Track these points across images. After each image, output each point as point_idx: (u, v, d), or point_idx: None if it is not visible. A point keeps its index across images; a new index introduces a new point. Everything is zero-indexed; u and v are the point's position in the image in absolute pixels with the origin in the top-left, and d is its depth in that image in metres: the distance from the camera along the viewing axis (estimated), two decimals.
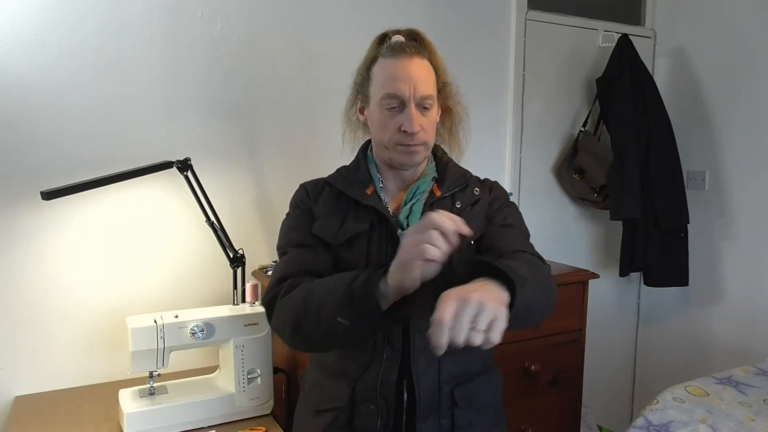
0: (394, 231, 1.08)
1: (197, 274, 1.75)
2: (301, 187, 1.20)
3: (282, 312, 1.02)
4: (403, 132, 1.06)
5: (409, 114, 1.05)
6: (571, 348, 1.89)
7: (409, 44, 1.10)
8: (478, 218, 1.12)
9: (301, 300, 0.98)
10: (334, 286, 0.95)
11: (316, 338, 0.98)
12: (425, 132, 1.08)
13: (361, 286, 0.90)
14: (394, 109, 1.06)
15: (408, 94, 1.05)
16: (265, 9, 1.79)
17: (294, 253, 1.10)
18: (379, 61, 1.09)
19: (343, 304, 0.91)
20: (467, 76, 2.13)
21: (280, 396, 1.60)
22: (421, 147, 1.09)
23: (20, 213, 1.53)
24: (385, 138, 1.08)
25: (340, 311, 0.91)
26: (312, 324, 0.96)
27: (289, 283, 1.04)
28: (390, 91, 1.05)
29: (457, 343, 0.75)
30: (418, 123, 1.05)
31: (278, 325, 1.04)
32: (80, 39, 1.57)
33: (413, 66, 1.06)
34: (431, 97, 1.08)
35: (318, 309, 0.95)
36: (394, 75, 1.05)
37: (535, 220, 2.33)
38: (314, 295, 0.97)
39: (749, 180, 2.29)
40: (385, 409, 1.06)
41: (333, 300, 0.93)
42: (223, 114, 1.76)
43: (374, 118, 1.10)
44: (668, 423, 1.45)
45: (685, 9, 2.48)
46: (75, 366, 1.62)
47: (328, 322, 0.93)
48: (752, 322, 2.29)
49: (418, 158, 1.10)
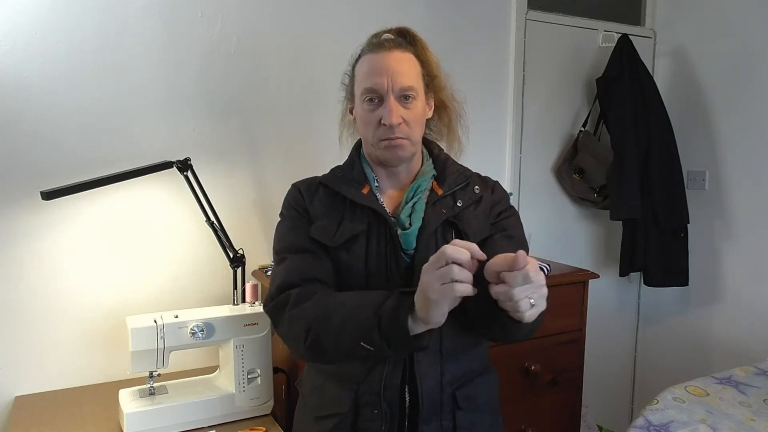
0: (392, 231, 1.06)
1: (197, 274, 1.75)
2: (294, 187, 1.18)
3: (295, 326, 0.99)
4: (384, 125, 1.04)
5: (388, 106, 1.03)
6: (571, 348, 1.89)
7: (389, 39, 1.09)
8: (480, 219, 1.11)
9: (317, 317, 0.96)
10: (357, 309, 0.93)
11: (333, 356, 0.98)
12: (407, 125, 1.06)
13: (390, 315, 0.88)
14: (373, 103, 1.05)
15: (386, 86, 1.03)
16: (265, 9, 1.79)
17: (294, 259, 1.08)
18: (362, 58, 1.09)
19: (369, 330, 0.90)
20: (467, 76, 2.13)
21: (280, 396, 1.60)
22: (405, 141, 1.06)
23: (20, 213, 1.53)
24: (369, 134, 1.08)
25: (365, 337, 0.90)
26: (331, 343, 0.95)
27: (297, 294, 1.01)
28: (368, 85, 1.05)
29: (514, 299, 0.78)
30: (397, 114, 1.04)
31: (290, 338, 1.02)
32: (80, 39, 1.57)
33: (391, 59, 1.05)
34: (412, 88, 1.06)
35: (339, 330, 0.93)
36: (372, 69, 1.05)
37: (535, 220, 2.35)
38: (334, 314, 0.95)
39: (749, 180, 2.29)
40: (389, 413, 1.04)
41: (356, 324, 0.92)
42: (223, 114, 1.76)
43: (358, 115, 1.10)
44: (668, 423, 1.45)
45: (685, 9, 2.48)
46: (75, 366, 1.62)
47: (349, 343, 0.93)
48: (752, 322, 2.29)
49: (403, 153, 1.08)
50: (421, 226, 1.07)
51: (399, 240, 1.06)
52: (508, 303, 0.80)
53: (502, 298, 0.80)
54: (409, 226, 1.07)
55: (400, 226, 1.08)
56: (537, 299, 0.80)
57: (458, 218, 1.09)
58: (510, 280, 0.78)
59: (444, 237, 1.07)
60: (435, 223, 1.07)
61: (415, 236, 1.06)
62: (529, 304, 0.80)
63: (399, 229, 1.08)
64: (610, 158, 2.29)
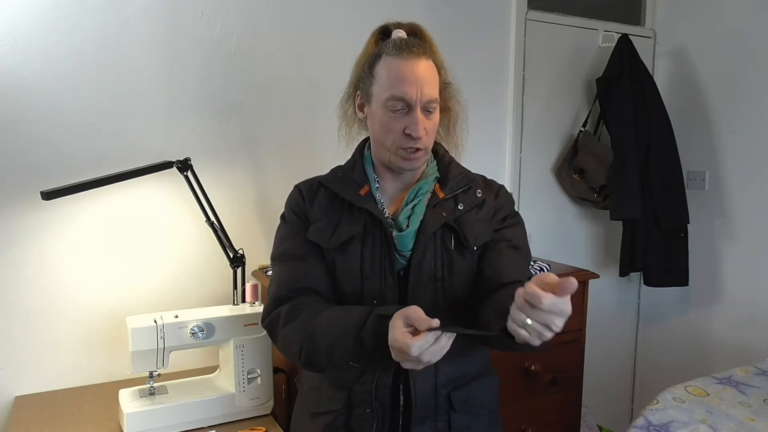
0: (387, 233, 1.06)
1: (197, 274, 1.75)
2: (296, 188, 1.18)
3: (288, 345, 1.03)
4: (407, 135, 1.04)
5: (416, 118, 1.02)
6: (571, 348, 1.89)
7: (415, 42, 1.07)
8: (482, 223, 1.11)
9: (307, 338, 0.99)
10: (342, 333, 0.95)
11: (329, 370, 1.04)
12: (428, 136, 1.06)
13: (371, 337, 0.91)
14: (398, 111, 1.03)
15: (415, 97, 1.02)
16: (265, 9, 1.79)
17: (286, 268, 1.10)
18: (384, 59, 1.05)
19: (354, 353, 0.94)
20: (467, 76, 2.12)
21: (280, 396, 1.59)
22: (422, 152, 1.07)
23: (20, 213, 1.53)
24: (388, 140, 1.06)
25: (352, 357, 0.94)
26: (323, 361, 0.99)
27: (286, 311, 1.03)
28: (396, 93, 1.02)
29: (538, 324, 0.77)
30: (423, 127, 1.03)
31: (287, 354, 1.06)
32: (80, 39, 1.57)
33: (420, 68, 1.03)
34: (436, 100, 1.06)
35: (328, 352, 0.97)
36: (402, 77, 1.02)
37: (535, 220, 2.35)
38: (321, 337, 0.97)
39: (749, 180, 2.29)
40: (380, 413, 1.05)
41: (342, 347, 0.95)
42: (223, 114, 1.76)
43: (377, 118, 1.07)
44: (668, 423, 1.45)
45: (685, 9, 2.48)
46: (75, 366, 1.62)
47: (340, 363, 0.97)
48: (752, 322, 2.29)
49: (418, 164, 1.09)
50: (419, 229, 1.07)
51: (394, 242, 1.06)
52: (522, 331, 0.79)
53: (536, 325, 0.78)
54: (407, 227, 1.07)
55: (398, 227, 1.08)
56: (548, 325, 0.78)
57: (458, 222, 1.08)
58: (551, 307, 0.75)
59: (443, 240, 1.07)
60: (434, 225, 1.07)
61: (411, 238, 1.06)
62: (547, 333, 0.78)
63: (395, 230, 1.07)
64: (610, 158, 2.29)
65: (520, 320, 0.78)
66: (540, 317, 0.76)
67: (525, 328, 0.78)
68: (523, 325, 0.78)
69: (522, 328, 0.78)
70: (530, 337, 0.79)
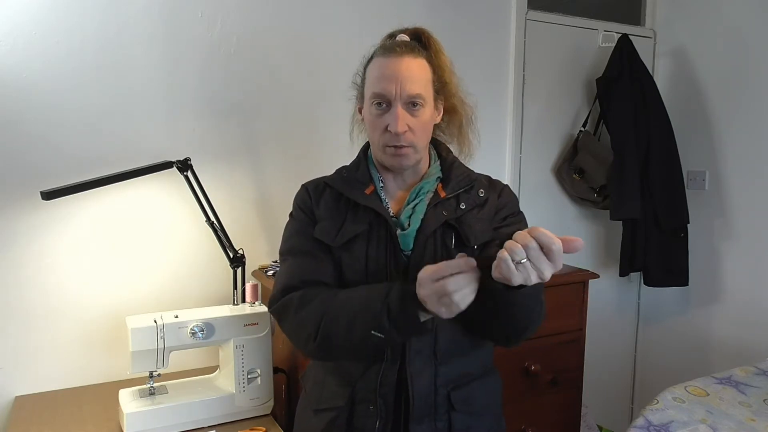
0: (392, 231, 1.07)
1: (197, 274, 1.75)
2: (303, 188, 1.19)
3: (304, 326, 1.03)
4: (389, 132, 1.04)
5: (395, 113, 1.03)
6: (571, 348, 1.89)
7: (401, 43, 1.08)
8: (483, 222, 1.11)
9: (325, 315, 0.99)
10: (366, 300, 0.97)
11: (342, 351, 1.02)
12: (413, 132, 1.06)
13: (398, 303, 0.93)
14: (381, 108, 1.05)
15: (394, 93, 1.03)
16: (265, 9, 1.79)
17: (296, 262, 1.10)
18: (373, 60, 1.09)
19: (380, 318, 0.94)
20: (467, 76, 2.11)
21: (280, 396, 1.60)
22: (409, 149, 1.07)
23: (20, 213, 1.53)
24: (375, 138, 1.08)
25: (376, 325, 0.94)
26: (342, 337, 0.98)
27: (300, 296, 1.04)
28: (377, 90, 1.05)
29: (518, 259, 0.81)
30: (404, 123, 1.04)
31: (299, 338, 1.05)
32: (80, 39, 1.57)
33: (402, 65, 1.04)
34: (420, 96, 1.05)
35: (350, 323, 0.97)
36: (382, 74, 1.05)
37: (535, 220, 2.32)
38: (342, 310, 0.98)
39: (749, 180, 2.29)
40: (384, 411, 1.05)
41: (366, 315, 0.95)
42: (223, 114, 1.76)
43: (366, 117, 1.10)
44: (668, 423, 1.45)
45: (685, 9, 2.48)
46: (75, 366, 1.62)
47: (360, 334, 0.96)
48: (752, 322, 2.29)
49: (406, 161, 1.08)
50: (419, 228, 1.07)
51: (398, 241, 1.06)
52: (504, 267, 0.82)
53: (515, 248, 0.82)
54: (408, 227, 1.07)
55: (400, 227, 1.09)
56: (541, 270, 0.82)
57: (459, 221, 1.08)
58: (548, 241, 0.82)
59: (443, 239, 1.07)
60: (434, 224, 1.07)
61: (413, 237, 1.07)
62: (529, 272, 0.82)
63: (399, 229, 1.08)
64: (610, 158, 2.29)
65: (518, 257, 0.81)
66: (538, 261, 0.81)
67: (516, 265, 0.81)
68: (519, 260, 0.81)
69: (515, 263, 0.81)
70: (515, 275, 0.81)
